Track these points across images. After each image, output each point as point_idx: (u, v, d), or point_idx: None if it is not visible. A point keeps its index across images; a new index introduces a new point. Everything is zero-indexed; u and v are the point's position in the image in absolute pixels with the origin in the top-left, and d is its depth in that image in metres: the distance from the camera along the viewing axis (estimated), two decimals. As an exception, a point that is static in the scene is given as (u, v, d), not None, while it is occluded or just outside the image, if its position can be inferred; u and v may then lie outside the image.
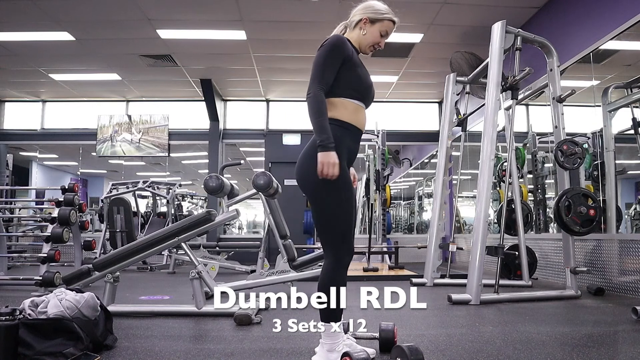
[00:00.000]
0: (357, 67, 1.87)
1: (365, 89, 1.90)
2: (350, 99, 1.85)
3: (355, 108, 1.87)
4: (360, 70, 1.89)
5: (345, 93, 1.84)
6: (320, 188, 1.78)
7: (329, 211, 1.80)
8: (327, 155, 1.69)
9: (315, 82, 1.76)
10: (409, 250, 7.20)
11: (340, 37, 1.87)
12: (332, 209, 1.80)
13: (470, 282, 3.61)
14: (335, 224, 1.80)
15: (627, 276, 3.96)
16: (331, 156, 1.69)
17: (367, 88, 1.91)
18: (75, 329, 2.00)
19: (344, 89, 1.84)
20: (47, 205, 5.52)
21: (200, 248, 6.18)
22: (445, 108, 5.27)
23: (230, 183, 4.41)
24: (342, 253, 1.82)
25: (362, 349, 1.85)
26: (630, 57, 4.72)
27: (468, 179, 7.48)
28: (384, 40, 1.97)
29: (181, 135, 8.99)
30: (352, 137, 1.88)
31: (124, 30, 6.14)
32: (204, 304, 3.01)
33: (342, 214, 1.80)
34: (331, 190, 1.78)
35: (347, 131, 1.85)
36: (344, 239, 1.81)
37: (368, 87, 1.92)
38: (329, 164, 1.68)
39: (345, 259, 1.83)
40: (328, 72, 1.79)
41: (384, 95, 8.65)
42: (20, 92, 8.70)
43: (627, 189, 5.16)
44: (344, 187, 1.81)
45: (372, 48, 1.97)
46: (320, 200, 1.81)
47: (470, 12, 5.61)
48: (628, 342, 2.42)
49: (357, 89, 1.86)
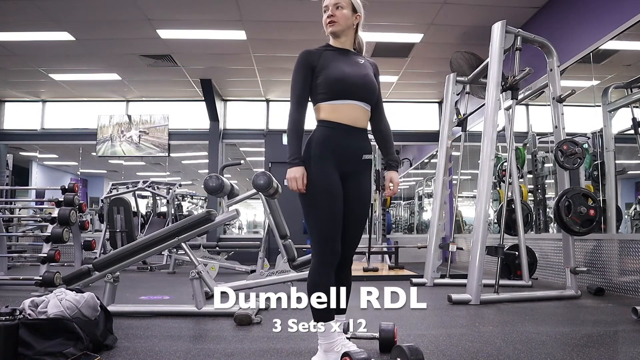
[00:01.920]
0: (325, 69, 1.87)
1: (332, 86, 1.85)
2: (323, 102, 1.89)
3: (332, 108, 1.87)
4: (332, 66, 1.87)
5: (318, 99, 1.89)
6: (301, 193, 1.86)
7: (310, 214, 1.87)
8: (291, 171, 1.82)
9: (291, 101, 1.89)
10: (409, 250, 7.20)
11: (303, 51, 1.91)
12: (313, 211, 1.85)
13: (470, 282, 3.61)
14: (315, 225, 1.85)
15: (627, 276, 3.96)
16: (295, 171, 1.82)
17: (335, 83, 1.85)
18: (75, 329, 2.00)
19: (316, 96, 1.89)
20: (47, 205, 5.52)
21: (200, 248, 6.18)
22: (445, 108, 5.27)
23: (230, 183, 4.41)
24: (323, 253, 1.83)
25: (361, 350, 1.85)
26: (630, 57, 4.72)
27: (468, 179, 7.48)
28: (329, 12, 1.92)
29: (181, 135, 8.99)
30: (339, 134, 1.86)
31: (124, 30, 6.14)
32: (204, 304, 3.01)
33: (322, 215, 1.83)
34: (309, 194, 1.85)
35: (331, 129, 1.87)
36: (327, 240, 1.83)
37: (337, 81, 1.85)
38: (292, 179, 1.82)
39: (326, 259, 1.83)
40: (298, 87, 1.88)
41: (384, 95, 8.57)
42: (20, 92, 8.70)
43: (627, 189, 5.16)
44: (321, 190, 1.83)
45: (328, 27, 1.94)
46: (302, 203, 1.89)
47: (470, 12, 5.61)
48: (628, 342, 2.42)
49: (325, 90, 1.87)
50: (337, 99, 1.86)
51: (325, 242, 1.82)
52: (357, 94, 1.88)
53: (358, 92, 1.89)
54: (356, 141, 1.90)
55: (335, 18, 1.91)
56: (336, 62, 1.89)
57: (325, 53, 1.91)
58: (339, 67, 1.87)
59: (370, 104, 1.95)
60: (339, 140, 1.86)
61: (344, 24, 1.92)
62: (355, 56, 1.98)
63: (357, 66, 1.92)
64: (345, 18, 1.91)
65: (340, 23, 1.91)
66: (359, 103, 1.90)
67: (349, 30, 1.95)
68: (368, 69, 1.96)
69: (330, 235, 1.82)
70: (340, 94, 1.86)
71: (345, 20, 1.92)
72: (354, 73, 1.89)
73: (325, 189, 1.83)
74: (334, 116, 1.87)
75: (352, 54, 1.97)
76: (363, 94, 1.90)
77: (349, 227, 1.91)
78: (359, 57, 1.98)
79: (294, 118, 1.87)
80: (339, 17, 1.90)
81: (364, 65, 1.96)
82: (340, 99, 1.86)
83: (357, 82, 1.88)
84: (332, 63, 1.88)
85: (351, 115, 1.88)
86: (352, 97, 1.88)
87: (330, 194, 1.83)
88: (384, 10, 5.62)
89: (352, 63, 1.92)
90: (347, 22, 1.93)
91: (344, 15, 1.91)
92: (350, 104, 1.88)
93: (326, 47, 1.95)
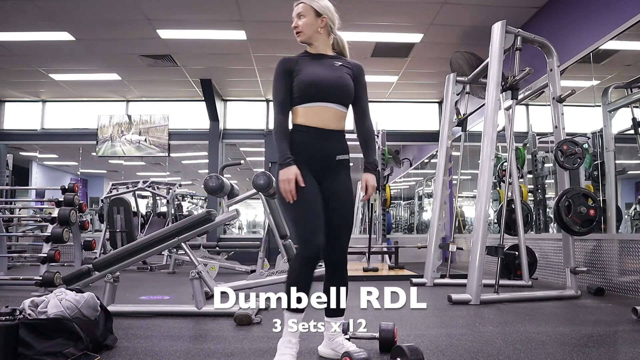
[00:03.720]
0: (299, 74, 1.91)
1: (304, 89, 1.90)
2: (298, 106, 1.93)
3: (305, 111, 1.92)
4: (305, 71, 1.92)
5: (294, 102, 1.94)
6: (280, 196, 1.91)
7: (288, 216, 1.95)
8: (284, 173, 1.84)
9: (274, 108, 1.94)
10: (409, 250, 7.20)
11: (281, 59, 1.96)
12: (291, 214, 1.92)
13: (470, 282, 3.61)
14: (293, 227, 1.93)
15: (627, 276, 3.96)
16: (287, 172, 1.83)
17: (307, 86, 1.90)
18: (75, 329, 2.00)
19: (292, 100, 1.94)
20: (47, 205, 5.53)
21: (200, 248, 6.18)
22: (445, 108, 5.27)
23: (230, 183, 4.41)
24: (300, 249, 1.87)
25: (361, 350, 1.85)
26: (630, 57, 4.72)
27: (468, 179, 7.48)
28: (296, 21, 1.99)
29: (181, 135, 8.99)
30: (311, 137, 1.91)
31: (124, 30, 6.14)
32: (204, 304, 3.01)
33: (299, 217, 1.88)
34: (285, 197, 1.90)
35: (304, 133, 1.92)
36: (301, 236, 1.87)
37: (308, 84, 1.90)
38: (285, 181, 1.83)
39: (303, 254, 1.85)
40: (279, 93, 1.93)
41: (384, 95, 8.65)
42: (20, 92, 8.70)
43: (627, 189, 5.16)
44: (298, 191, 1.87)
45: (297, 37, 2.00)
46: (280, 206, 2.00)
47: (470, 12, 5.61)
48: (628, 342, 2.42)
49: (298, 94, 1.91)
50: (309, 102, 1.91)
51: (305, 243, 1.84)
52: (328, 95, 1.92)
53: (330, 94, 1.92)
54: (329, 143, 1.94)
55: (299, 28, 1.98)
56: (310, 66, 1.93)
57: (301, 59, 1.97)
58: (311, 71, 1.92)
59: (344, 105, 1.97)
60: (311, 143, 1.91)
61: (308, 32, 1.98)
62: (333, 59, 2.01)
63: (331, 68, 1.96)
64: (308, 26, 1.97)
65: (305, 32, 1.98)
66: (332, 105, 1.93)
67: (317, 35, 1.99)
68: (343, 71, 1.97)
69: (307, 237, 1.84)
70: (312, 97, 1.91)
71: (308, 28, 1.97)
72: (326, 75, 1.93)
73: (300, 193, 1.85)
74: (306, 120, 1.92)
75: (327, 57, 2.00)
76: (336, 95, 1.93)
77: (334, 227, 1.93)
78: (335, 60, 2.00)
79: (279, 120, 1.91)
80: (302, 27, 1.97)
81: (339, 67, 1.98)
82: (312, 101, 1.91)
83: (329, 84, 1.92)
84: (305, 67, 1.93)
85: (323, 117, 1.92)
86: (324, 99, 1.92)
87: (304, 196, 1.86)
88: (384, 10, 5.62)
89: (326, 66, 1.96)
90: (312, 29, 1.97)
91: (306, 24, 1.97)
92: (322, 106, 1.92)
93: (303, 54, 2.01)
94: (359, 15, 5.68)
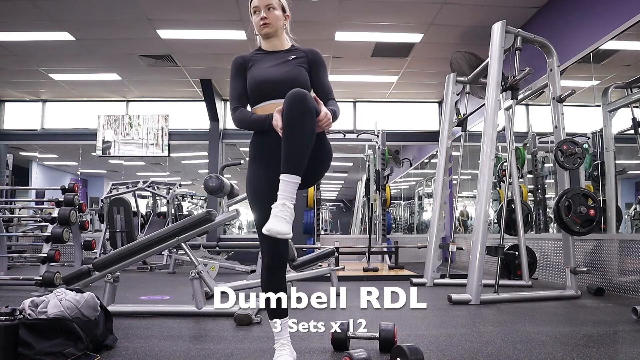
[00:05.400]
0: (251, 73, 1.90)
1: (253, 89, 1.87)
2: (255, 106, 1.90)
3: (261, 110, 1.87)
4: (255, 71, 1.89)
5: (252, 103, 1.91)
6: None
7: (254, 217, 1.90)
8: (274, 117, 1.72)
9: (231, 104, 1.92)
10: (409, 250, 7.20)
11: (235, 57, 1.95)
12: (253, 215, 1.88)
13: (470, 282, 3.61)
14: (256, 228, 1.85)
15: (627, 276, 3.96)
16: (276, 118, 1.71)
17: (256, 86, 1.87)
18: (75, 329, 2.00)
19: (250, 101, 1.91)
20: (47, 205, 5.52)
21: (200, 248, 6.18)
22: (445, 108, 5.27)
23: (230, 183, 4.42)
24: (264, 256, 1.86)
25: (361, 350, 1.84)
26: (630, 57, 4.72)
27: (468, 179, 7.48)
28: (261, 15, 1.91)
29: (181, 135, 8.99)
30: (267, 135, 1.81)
31: (124, 30, 6.14)
32: (204, 304, 3.01)
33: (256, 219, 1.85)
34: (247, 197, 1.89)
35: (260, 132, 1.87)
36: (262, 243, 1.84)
37: (257, 84, 1.87)
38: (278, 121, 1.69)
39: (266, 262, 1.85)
40: (235, 90, 1.92)
41: (384, 95, 8.64)
42: (20, 92, 8.70)
43: (627, 189, 5.16)
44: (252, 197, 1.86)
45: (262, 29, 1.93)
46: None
47: (470, 12, 5.61)
48: (628, 342, 2.42)
49: (251, 95, 1.89)
50: (262, 101, 1.87)
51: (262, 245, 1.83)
52: (279, 92, 1.80)
53: (281, 90, 1.78)
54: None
55: (268, 20, 1.91)
56: (260, 65, 1.91)
57: (254, 57, 1.95)
58: (260, 70, 1.89)
59: None
60: (267, 142, 1.84)
61: (276, 25, 1.93)
62: (286, 53, 1.95)
63: (282, 64, 1.90)
64: (277, 19, 1.93)
65: (273, 24, 1.92)
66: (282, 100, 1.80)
67: (280, 31, 1.97)
68: (294, 63, 1.91)
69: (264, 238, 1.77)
70: (263, 96, 1.87)
71: (277, 21, 1.93)
72: (275, 72, 1.88)
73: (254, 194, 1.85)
74: None
75: (281, 53, 1.96)
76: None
77: None
78: (289, 53, 1.95)
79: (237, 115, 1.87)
80: (272, 19, 1.92)
81: (291, 61, 1.92)
82: (264, 100, 1.87)
83: (277, 81, 1.85)
84: (256, 66, 1.91)
85: None
86: (276, 96, 1.83)
87: (257, 198, 1.84)
88: (384, 10, 5.62)
89: (278, 62, 1.91)
90: (279, 23, 1.94)
91: (276, 16, 1.92)
92: (275, 102, 1.83)
93: (256, 51, 1.99)
94: (359, 15, 5.68)
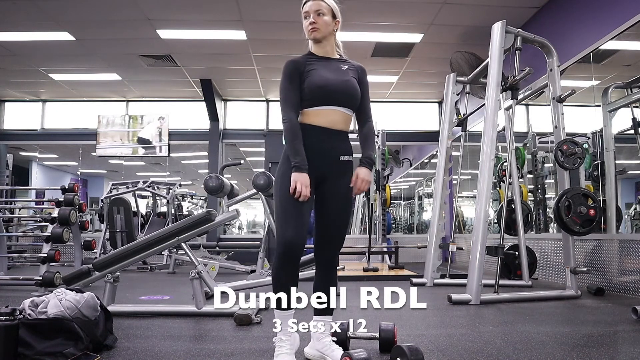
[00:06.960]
0: (310, 76, 1.92)
1: (314, 92, 1.91)
2: (308, 109, 1.93)
3: (315, 113, 1.92)
4: (315, 74, 1.92)
5: (304, 105, 1.93)
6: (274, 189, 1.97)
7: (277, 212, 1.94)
8: (301, 176, 1.84)
9: (285, 108, 1.91)
10: (409, 250, 7.20)
11: (289, 61, 1.96)
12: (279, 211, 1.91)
13: (470, 282, 3.61)
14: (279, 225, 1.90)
15: (627, 276, 3.96)
16: (304, 177, 1.84)
17: (316, 90, 1.91)
18: (75, 329, 2.00)
19: (303, 102, 1.93)
20: (47, 205, 5.52)
21: (200, 248, 6.19)
22: (445, 108, 5.27)
23: (230, 183, 4.42)
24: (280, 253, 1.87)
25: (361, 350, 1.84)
26: (630, 57, 4.72)
27: (468, 179, 7.48)
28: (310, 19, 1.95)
29: (181, 135, 8.99)
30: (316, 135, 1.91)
31: (124, 30, 6.14)
32: (204, 304, 3.01)
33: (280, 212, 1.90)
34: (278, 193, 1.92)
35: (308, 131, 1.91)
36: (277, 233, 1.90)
37: (318, 88, 1.91)
38: (302, 184, 1.83)
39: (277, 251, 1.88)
40: (291, 94, 1.92)
41: (384, 95, 8.65)
42: (20, 92, 8.70)
43: (627, 189, 5.16)
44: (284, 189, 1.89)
45: (311, 33, 1.97)
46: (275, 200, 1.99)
47: (470, 12, 5.61)
48: (628, 342, 2.42)
49: (309, 97, 1.91)
50: (319, 105, 1.92)
51: (283, 243, 1.85)
52: (337, 99, 1.93)
53: (338, 98, 1.93)
54: (332, 141, 1.94)
55: (317, 25, 1.95)
56: (319, 70, 1.94)
57: (309, 61, 1.97)
58: (320, 75, 1.92)
59: (352, 108, 1.99)
60: (315, 141, 1.91)
61: (325, 31, 1.97)
62: (339, 62, 2.01)
63: (339, 72, 1.97)
64: (326, 24, 1.96)
65: (322, 30, 1.96)
66: (339, 108, 1.94)
67: (329, 36, 2.00)
68: (350, 74, 1.99)
69: (281, 234, 1.86)
70: (322, 101, 1.92)
71: (326, 27, 1.96)
72: (335, 80, 1.94)
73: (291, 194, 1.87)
74: (314, 120, 1.92)
75: (334, 61, 2.01)
76: (343, 99, 1.95)
77: (328, 228, 1.96)
78: (342, 63, 2.01)
79: (292, 121, 1.90)
80: (321, 24, 1.95)
81: (346, 71, 1.99)
82: (321, 105, 1.92)
83: (337, 89, 1.93)
84: (314, 71, 1.93)
85: (330, 118, 1.93)
86: (333, 103, 1.93)
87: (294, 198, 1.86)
88: (384, 10, 5.62)
89: (334, 69, 1.97)
90: (328, 29, 1.97)
91: (325, 22, 1.96)
92: (332, 109, 1.93)
93: (309, 56, 2.01)
94: (359, 15, 5.68)
